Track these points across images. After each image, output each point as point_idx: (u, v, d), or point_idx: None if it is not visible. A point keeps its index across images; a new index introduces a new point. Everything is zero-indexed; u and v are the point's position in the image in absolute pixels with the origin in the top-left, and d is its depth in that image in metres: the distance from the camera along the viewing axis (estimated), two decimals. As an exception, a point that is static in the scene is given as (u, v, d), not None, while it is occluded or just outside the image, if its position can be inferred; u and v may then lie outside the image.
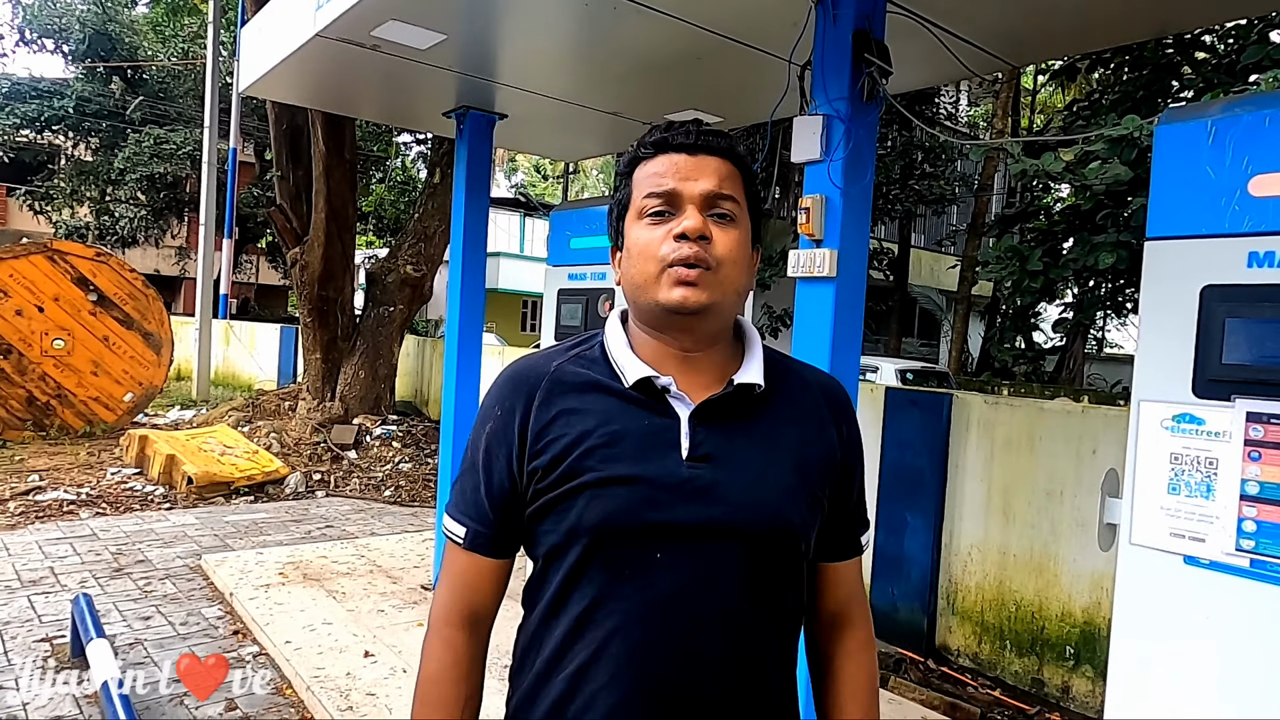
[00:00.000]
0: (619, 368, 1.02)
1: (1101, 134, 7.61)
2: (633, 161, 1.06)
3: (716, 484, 0.96)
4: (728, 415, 1.00)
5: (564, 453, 0.97)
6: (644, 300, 1.01)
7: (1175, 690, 1.73)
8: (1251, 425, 1.64)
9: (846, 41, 2.42)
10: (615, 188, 1.06)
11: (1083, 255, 9.02)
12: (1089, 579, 3.62)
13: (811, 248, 2.51)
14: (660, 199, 1.00)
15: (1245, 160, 1.66)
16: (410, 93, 4.26)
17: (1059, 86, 15.47)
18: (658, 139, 1.04)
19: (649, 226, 1.01)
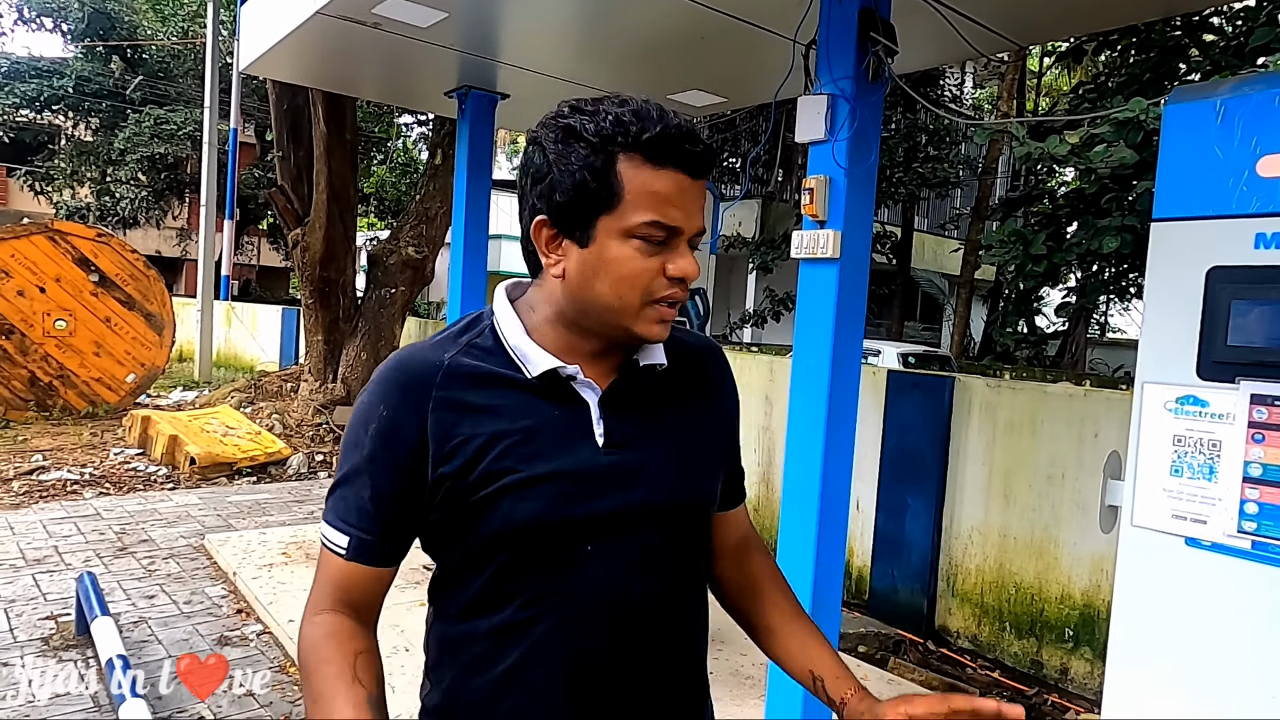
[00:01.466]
0: (520, 358, 0.95)
1: (1107, 116, 7.56)
2: (611, 143, 0.88)
3: (636, 468, 0.95)
4: (635, 397, 0.98)
5: (478, 455, 0.91)
6: (610, 321, 0.93)
7: (1175, 671, 1.73)
8: (1255, 407, 1.64)
9: (852, 20, 2.40)
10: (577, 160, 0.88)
11: (1087, 239, 8.99)
12: (1089, 562, 3.63)
13: (815, 229, 2.49)
14: (665, 232, 0.89)
15: (1254, 140, 1.65)
16: (411, 72, 4.23)
17: (1065, 69, 15.34)
18: (666, 146, 0.88)
19: (641, 253, 0.90)
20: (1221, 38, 10.81)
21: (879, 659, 3.87)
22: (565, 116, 0.91)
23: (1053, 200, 10.95)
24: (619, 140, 0.87)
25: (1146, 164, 7.77)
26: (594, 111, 0.90)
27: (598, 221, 0.89)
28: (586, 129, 0.88)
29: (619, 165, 0.88)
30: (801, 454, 2.54)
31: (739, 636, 3.63)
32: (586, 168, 0.88)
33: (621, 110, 0.89)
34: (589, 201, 0.89)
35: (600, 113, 0.89)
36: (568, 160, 0.89)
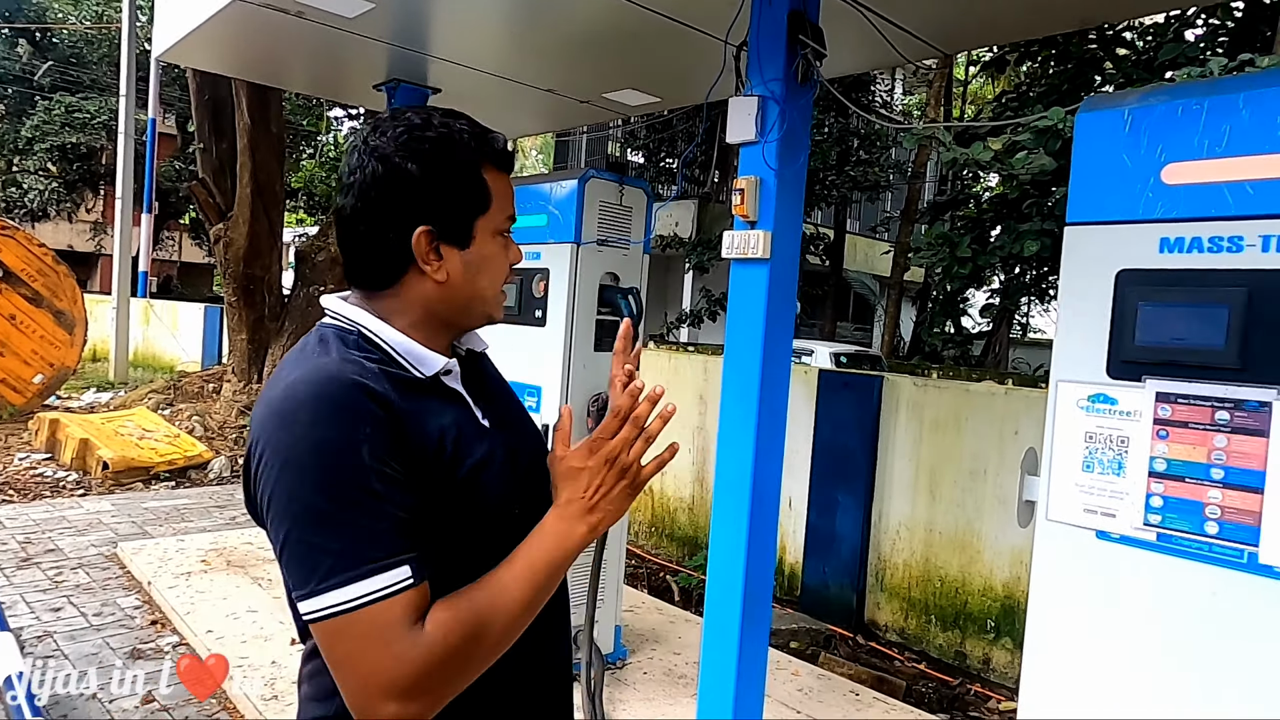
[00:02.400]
0: (414, 361, 1.00)
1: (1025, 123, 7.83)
2: (478, 154, 1.03)
3: (515, 438, 1.09)
4: (479, 382, 1.12)
5: (437, 452, 0.95)
6: (478, 310, 1.07)
7: (1089, 659, 1.79)
8: (1160, 405, 1.71)
9: (782, 22, 2.42)
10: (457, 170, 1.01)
11: (1009, 243, 9.30)
12: (1009, 555, 3.76)
13: (746, 229, 2.51)
14: (511, 223, 1.07)
15: (1159, 149, 1.72)
16: (338, 64, 4.12)
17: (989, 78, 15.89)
18: (507, 152, 1.07)
19: (502, 247, 1.07)
20: (1133, 52, 11.34)
21: (810, 654, 3.93)
22: (426, 130, 1.00)
23: (977, 205, 11.32)
24: (485, 151, 1.03)
25: (1064, 171, 8.07)
26: (449, 125, 1.02)
27: (476, 223, 1.03)
28: (458, 142, 1.01)
29: (484, 172, 1.03)
30: (733, 453, 2.55)
31: (673, 636, 3.65)
32: (465, 177, 1.01)
33: (466, 123, 1.03)
34: (469, 207, 1.02)
35: (455, 126, 1.02)
36: (449, 171, 1.00)
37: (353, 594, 0.85)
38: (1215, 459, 1.64)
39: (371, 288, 1.03)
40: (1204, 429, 1.66)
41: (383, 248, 1.00)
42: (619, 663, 3.59)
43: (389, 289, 1.02)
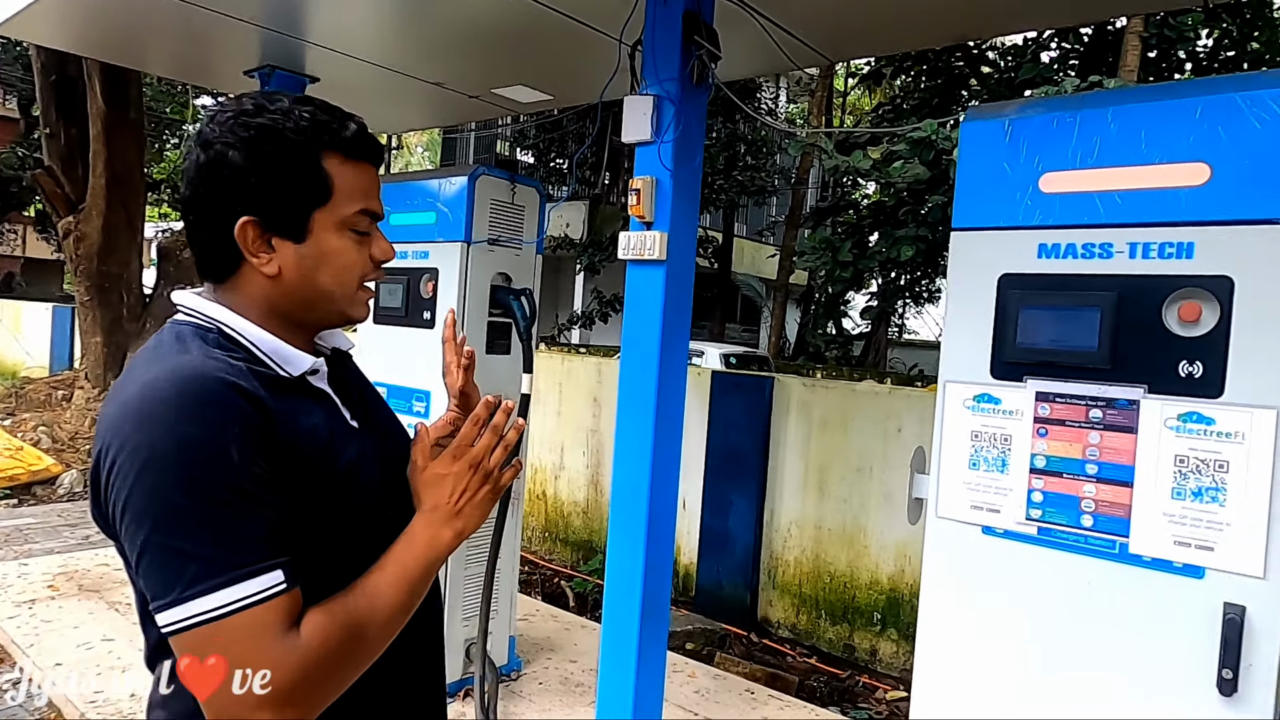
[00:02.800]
0: (280, 359, 0.97)
1: (904, 134, 8.21)
2: (315, 141, 0.96)
3: (384, 437, 1.09)
4: (344, 380, 1.09)
5: (310, 452, 0.93)
6: (326, 308, 1.02)
7: (978, 650, 1.85)
8: (1040, 404, 1.78)
9: (677, 22, 2.40)
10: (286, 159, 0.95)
11: (887, 248, 9.74)
12: (894, 549, 3.89)
13: (642, 230, 2.48)
14: (371, 220, 1.02)
15: (1037, 158, 1.79)
16: (206, 46, 3.82)
17: (866, 90, 16.60)
18: (362, 141, 1.00)
19: (355, 244, 1.01)
20: (996, 70, 12.10)
21: (706, 655, 3.95)
22: (254, 116, 0.94)
23: (857, 211, 11.80)
24: (324, 138, 0.96)
25: (937, 179, 8.54)
26: (285, 111, 0.95)
27: (313, 216, 0.97)
28: (288, 129, 0.94)
29: (325, 162, 0.96)
30: (630, 455, 2.52)
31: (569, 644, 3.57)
32: (296, 166, 0.95)
33: (312, 110, 0.97)
34: (302, 198, 0.96)
35: (294, 112, 0.95)
36: (275, 159, 0.94)
37: (222, 600, 0.80)
38: (1090, 455, 1.72)
39: (214, 280, 1.00)
40: (1079, 426, 1.74)
41: (212, 238, 0.97)
42: (514, 674, 3.50)
43: (228, 281, 0.99)
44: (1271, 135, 1.53)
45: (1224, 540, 1.57)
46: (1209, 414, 1.59)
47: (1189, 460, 1.61)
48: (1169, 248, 1.64)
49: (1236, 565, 1.56)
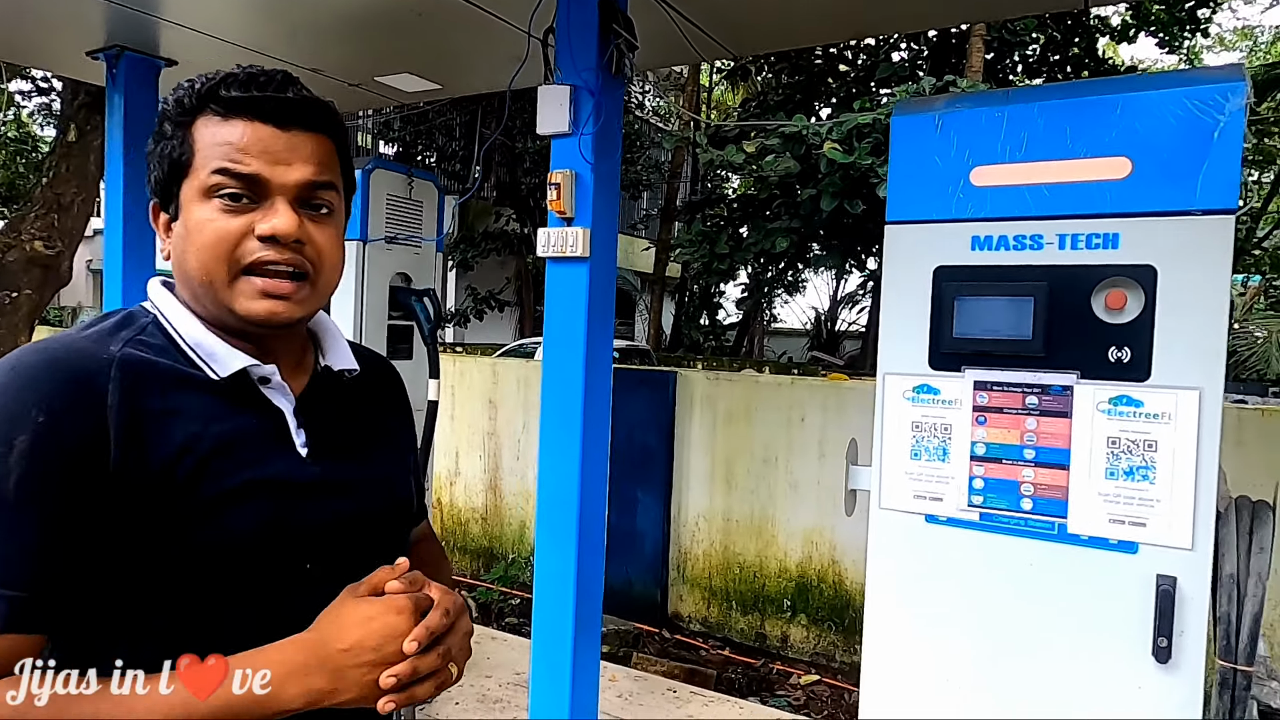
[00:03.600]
0: (204, 355, 0.84)
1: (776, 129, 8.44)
2: (191, 110, 0.84)
3: (343, 477, 0.91)
4: (329, 404, 0.94)
5: (168, 468, 0.77)
6: (211, 300, 0.85)
7: (925, 635, 1.88)
8: (978, 393, 1.82)
9: (593, 9, 2.32)
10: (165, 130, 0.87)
11: (761, 239, 10.01)
12: (801, 536, 3.97)
13: (562, 226, 2.38)
14: (239, 182, 0.82)
15: (967, 152, 1.83)
16: (38, 23, 3.38)
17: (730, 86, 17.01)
18: (236, 97, 0.83)
19: (221, 212, 0.83)
20: (852, 69, 12.68)
21: (622, 656, 3.89)
22: (172, 92, 0.87)
23: (728, 205, 12.08)
24: (192, 101, 0.85)
25: (807, 173, 8.84)
26: (193, 82, 0.86)
27: (181, 189, 0.85)
28: (168, 98, 0.86)
29: (194, 127, 0.85)
30: (557, 458, 2.42)
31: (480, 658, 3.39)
32: (169, 136, 0.86)
33: (216, 73, 0.86)
34: (171, 169, 0.85)
35: (190, 81, 0.86)
36: (160, 133, 0.87)
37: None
38: (1027, 440, 1.78)
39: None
40: (1016, 413, 1.79)
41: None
42: (426, 696, 3.31)
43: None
44: (1187, 130, 1.62)
45: (1155, 516, 1.66)
46: (1138, 396, 1.67)
47: (1120, 441, 1.69)
48: (1095, 239, 1.71)
49: (1167, 539, 1.64)
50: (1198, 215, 1.61)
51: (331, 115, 0.89)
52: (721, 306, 16.97)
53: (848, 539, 3.81)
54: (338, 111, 0.90)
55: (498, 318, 15.99)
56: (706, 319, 16.60)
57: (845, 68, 12.70)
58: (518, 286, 16.39)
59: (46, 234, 6.84)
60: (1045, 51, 12.45)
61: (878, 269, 10.53)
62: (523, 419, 4.89)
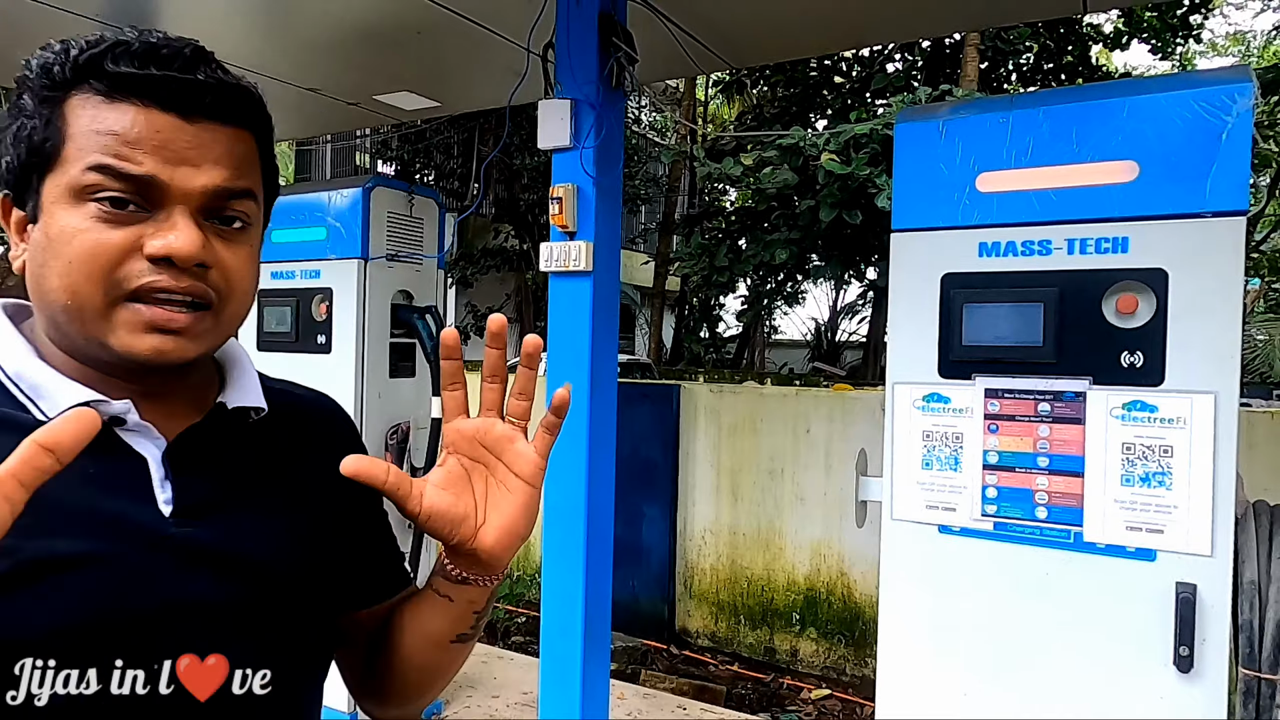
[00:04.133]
0: (28, 391, 0.66)
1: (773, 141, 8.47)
2: (63, 83, 0.65)
3: (222, 545, 0.69)
4: (219, 451, 0.72)
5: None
6: (78, 331, 0.66)
7: (940, 647, 1.85)
8: (989, 400, 1.80)
9: (592, 23, 2.31)
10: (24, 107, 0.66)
11: (760, 251, 10.02)
12: (809, 548, 3.93)
13: (564, 240, 2.37)
14: (125, 184, 0.63)
15: (973, 159, 1.82)
16: (31, 42, 3.38)
17: (726, 99, 17.08)
18: (126, 73, 0.63)
19: (97, 220, 0.63)
20: (848, 80, 12.73)
21: (630, 673, 3.85)
22: (31, 59, 0.67)
23: (726, 217, 12.10)
24: (65, 73, 0.64)
25: (805, 184, 8.86)
26: (65, 45, 0.65)
27: (44, 185, 0.65)
28: (38, 67, 0.65)
29: (67, 105, 0.64)
30: (564, 473, 2.40)
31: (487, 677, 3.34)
32: (30, 113, 0.65)
33: (95, 38, 0.65)
34: (30, 157, 0.65)
35: (69, 44, 0.65)
36: (17, 105, 0.66)
37: None
38: (1040, 448, 1.76)
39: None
40: (1029, 420, 1.77)
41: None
42: (435, 716, 3.27)
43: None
44: (1194, 133, 1.61)
45: (1172, 523, 1.63)
46: (1152, 401, 1.65)
47: (1135, 447, 1.67)
48: (1105, 243, 1.70)
49: (1185, 546, 1.62)
50: (1208, 217, 1.60)
51: (254, 103, 0.70)
52: (722, 319, 16.96)
53: (856, 551, 3.77)
54: (262, 99, 0.72)
55: (497, 334, 15.95)
56: (707, 332, 16.59)
57: (841, 79, 12.75)
58: (517, 303, 16.39)
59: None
60: (1039, 60, 12.51)
61: (878, 279, 10.52)
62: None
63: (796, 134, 8.78)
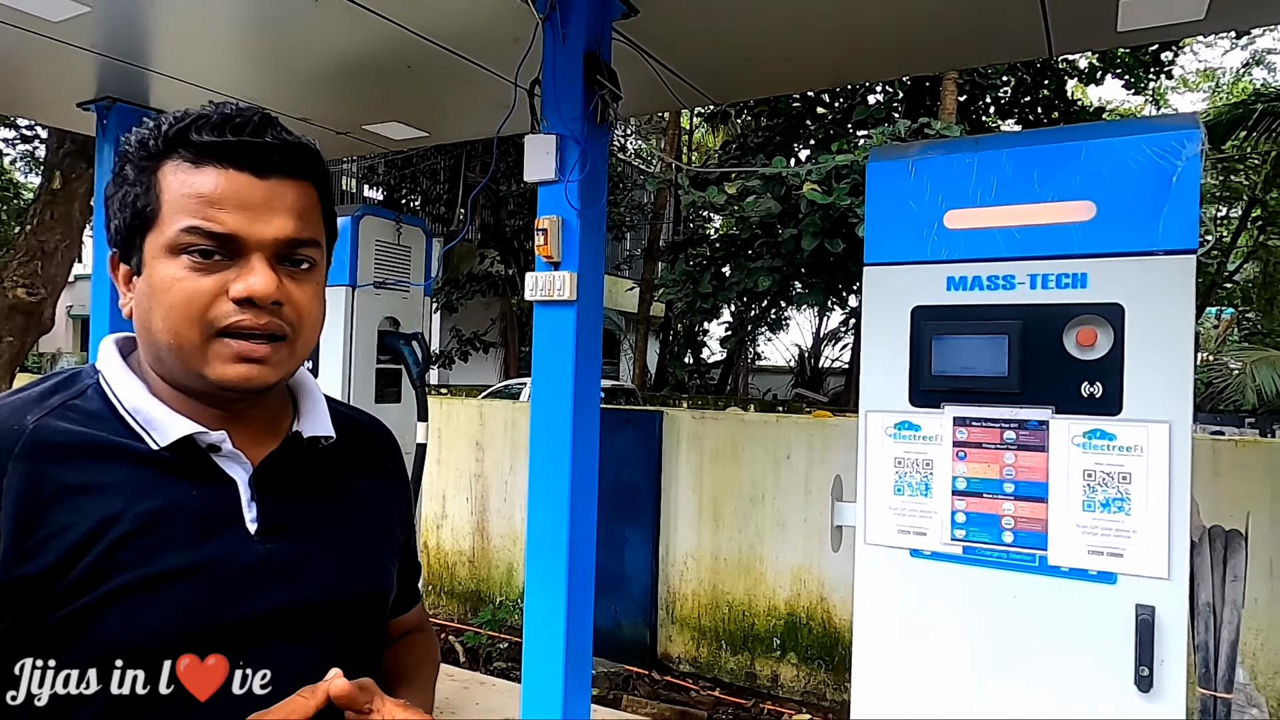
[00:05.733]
0: (141, 423, 0.77)
1: (756, 171, 8.62)
2: (157, 154, 0.76)
3: (299, 559, 0.80)
4: (296, 475, 0.83)
5: (78, 550, 0.69)
6: (179, 364, 0.77)
7: (912, 667, 1.90)
8: (958, 428, 1.87)
9: (578, 62, 2.39)
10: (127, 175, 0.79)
11: (744, 278, 10.14)
12: (789, 574, 3.97)
13: (549, 270, 2.43)
14: (211, 240, 0.75)
15: (940, 197, 1.90)
16: (30, 74, 3.44)
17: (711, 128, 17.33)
18: (208, 141, 0.75)
19: (190, 271, 0.75)
20: (830, 111, 12.96)
21: (612, 699, 3.86)
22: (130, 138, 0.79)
23: (710, 245, 12.24)
24: (159, 145, 0.76)
25: (788, 213, 9.00)
26: (154, 122, 0.78)
27: (145, 242, 0.77)
28: (136, 141, 0.78)
29: (161, 173, 0.76)
30: (546, 499, 2.44)
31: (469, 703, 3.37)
32: (132, 182, 0.78)
33: (183, 113, 0.77)
34: (134, 220, 0.77)
35: (162, 120, 0.77)
36: (120, 177, 0.79)
37: None
38: (1006, 474, 1.82)
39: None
40: (995, 448, 1.84)
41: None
42: (414, 744, 3.27)
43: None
44: (1147, 175, 1.70)
45: (1131, 546, 1.70)
46: (1111, 430, 1.72)
47: (1096, 474, 1.74)
48: (1065, 278, 1.78)
49: (1144, 569, 1.69)
50: (1160, 255, 1.68)
51: (314, 159, 0.81)
52: (705, 345, 17.07)
53: (835, 576, 3.82)
54: (320, 155, 0.82)
55: (482, 359, 16.00)
56: (691, 357, 16.69)
57: (823, 110, 12.99)
58: (502, 328, 16.43)
59: (29, 281, 6.83)
60: (1016, 93, 12.82)
61: (859, 306, 10.67)
62: (510, 460, 4.89)
63: (779, 164, 8.95)
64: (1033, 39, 2.66)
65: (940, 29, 2.67)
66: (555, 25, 2.41)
